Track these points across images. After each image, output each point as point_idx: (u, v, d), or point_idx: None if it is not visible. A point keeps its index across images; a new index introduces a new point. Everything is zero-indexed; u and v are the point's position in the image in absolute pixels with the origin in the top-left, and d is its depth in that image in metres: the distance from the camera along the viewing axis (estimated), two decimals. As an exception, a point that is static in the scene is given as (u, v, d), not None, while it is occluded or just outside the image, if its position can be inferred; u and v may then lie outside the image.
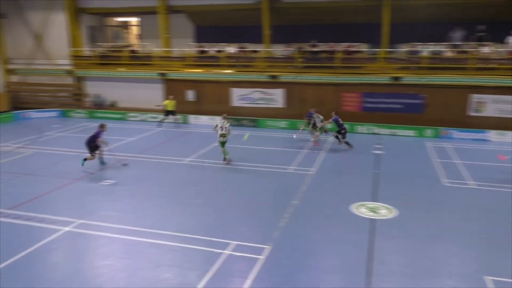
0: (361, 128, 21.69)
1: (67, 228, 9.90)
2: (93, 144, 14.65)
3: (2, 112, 25.72)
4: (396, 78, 21.32)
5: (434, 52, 21.83)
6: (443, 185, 13.37)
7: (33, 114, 25.65)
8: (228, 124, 15.17)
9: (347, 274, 8.06)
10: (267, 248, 8.91)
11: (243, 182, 13.65)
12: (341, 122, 18.10)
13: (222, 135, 15.03)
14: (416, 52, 22.25)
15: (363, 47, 23.78)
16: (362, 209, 11.17)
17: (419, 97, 21.33)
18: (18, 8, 27.64)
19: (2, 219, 10.41)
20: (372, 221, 10.48)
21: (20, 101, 28.26)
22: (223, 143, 15.23)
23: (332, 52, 22.73)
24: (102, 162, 15.03)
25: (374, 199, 12.02)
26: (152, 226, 10.00)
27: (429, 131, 20.82)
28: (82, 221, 10.28)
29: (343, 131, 18.07)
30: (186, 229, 9.87)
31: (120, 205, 11.45)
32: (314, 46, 23.40)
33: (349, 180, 13.82)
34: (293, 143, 19.05)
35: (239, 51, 24.48)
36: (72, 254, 8.85)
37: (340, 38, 23.42)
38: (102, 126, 14.98)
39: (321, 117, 18.57)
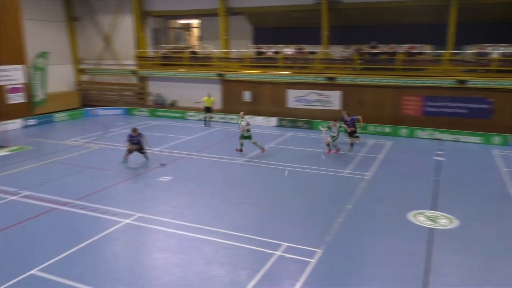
0: (422, 133, 20.79)
1: (127, 221, 10.45)
2: (135, 146, 15.48)
3: (73, 109, 27.62)
4: (462, 81, 20.20)
5: (504, 54, 20.45)
6: (511, 197, 12.50)
7: (100, 111, 27.28)
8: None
9: (402, 284, 7.78)
10: (319, 251, 8.84)
11: (296, 184, 13.63)
12: (349, 122, 17.66)
13: (248, 130, 16.84)
14: (485, 54, 20.96)
15: (426, 49, 22.79)
16: (420, 218, 10.74)
17: (486, 101, 20.05)
18: (90, 11, 29.56)
19: (71, 209, 11.22)
20: (431, 230, 10.04)
21: (89, 99, 30.27)
22: (250, 137, 16.91)
23: (393, 53, 22.02)
24: (146, 158, 15.71)
25: (434, 207, 11.49)
26: (206, 223, 10.28)
27: (496, 138, 19.51)
28: (141, 215, 10.80)
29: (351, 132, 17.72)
30: (239, 227, 10.04)
31: (176, 201, 11.88)
32: (374, 47, 22.81)
33: (407, 187, 13.32)
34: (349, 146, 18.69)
35: (297, 52, 24.42)
36: (132, 245, 9.32)
37: (401, 39, 22.63)
38: (134, 131, 15.36)
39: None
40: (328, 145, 16.96)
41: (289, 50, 24.61)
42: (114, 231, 9.89)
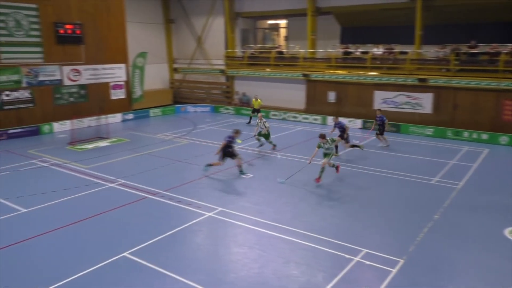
0: (526, 141, 18.79)
1: (209, 214, 10.92)
2: (228, 150, 14.05)
3: (166, 105, 29.51)
4: None
5: None
6: None
7: (190, 108, 28.79)
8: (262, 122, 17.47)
9: (493, 305, 7.14)
10: (401, 261, 8.44)
11: (380, 188, 13.12)
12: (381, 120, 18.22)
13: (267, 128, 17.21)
14: None
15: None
16: (519, 235, 9.73)
17: None
18: (185, 14, 31.32)
19: (160, 199, 12.02)
20: (531, 250, 9.05)
21: (180, 96, 32.18)
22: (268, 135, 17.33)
23: (496, 54, 20.12)
24: (241, 171, 14.25)
25: (536, 225, 10.34)
26: (284, 222, 10.35)
27: None
28: (222, 209, 11.21)
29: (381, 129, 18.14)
30: (317, 229, 9.96)
31: (256, 198, 12.13)
32: (473, 47, 21.06)
33: (505, 200, 12.11)
34: (441, 153, 17.55)
35: (386, 52, 23.45)
36: (212, 238, 9.73)
37: (504, 39, 20.60)
38: (236, 132, 14.36)
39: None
40: (322, 170, 13.32)
41: (378, 50, 23.74)
42: (196, 223, 10.40)
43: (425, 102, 21.65)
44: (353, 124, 23.10)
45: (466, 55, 21.01)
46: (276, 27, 32.28)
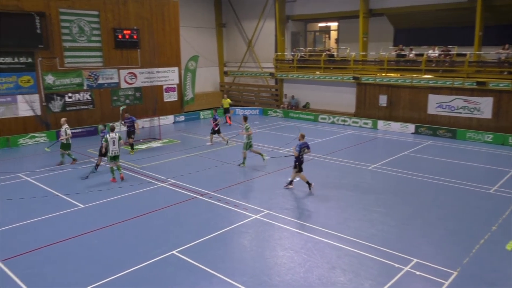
0: None
1: (256, 216, 11.01)
2: (300, 160, 12.74)
3: (216, 108, 29.97)
4: None
5: None
6: None
7: (239, 111, 29.15)
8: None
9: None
10: (454, 273, 8.06)
11: (433, 196, 12.60)
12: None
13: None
14: None
15: None
16: None
17: None
18: (236, 18, 31.81)
19: (208, 200, 12.29)
20: None
21: (230, 99, 32.56)
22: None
23: None
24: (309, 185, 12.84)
25: None
26: (331, 227, 10.22)
27: None
28: (269, 212, 11.26)
29: None
30: (365, 236, 9.75)
31: (303, 202, 12.06)
32: (539, 48, 19.72)
33: None
34: (500, 160, 16.56)
35: (442, 54, 22.49)
36: (258, 240, 9.78)
37: None
38: (302, 137, 13.02)
39: None
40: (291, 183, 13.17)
41: (434, 52, 22.83)
42: (243, 225, 10.52)
43: (483, 107, 20.52)
44: (405, 129, 22.39)
45: (531, 57, 19.71)
46: (327, 30, 31.97)
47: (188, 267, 8.44)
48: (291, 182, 13.24)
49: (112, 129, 13.92)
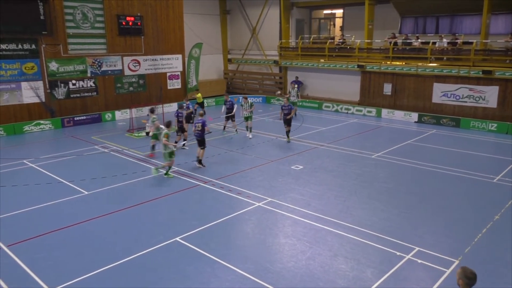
0: None
1: (259, 204, 11.06)
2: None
3: (219, 95, 30.00)
4: None
5: None
6: None
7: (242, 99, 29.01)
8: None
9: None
10: (455, 262, 8.10)
11: (436, 185, 12.60)
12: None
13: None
14: None
15: None
16: None
17: None
18: (240, 5, 31.52)
19: (211, 187, 12.35)
20: None
21: (233, 86, 32.56)
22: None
23: None
24: None
25: None
26: (333, 215, 10.27)
27: None
28: (271, 199, 11.31)
29: None
30: (367, 224, 9.79)
31: (306, 190, 12.10)
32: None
33: None
34: (504, 150, 16.48)
35: (448, 42, 22.24)
36: (261, 228, 9.84)
37: None
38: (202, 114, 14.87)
39: None
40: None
41: (440, 41, 22.59)
42: (246, 212, 10.58)
43: (489, 96, 20.36)
44: (408, 118, 22.29)
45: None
46: (331, 17, 31.65)
47: (191, 253, 8.53)
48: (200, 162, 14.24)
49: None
